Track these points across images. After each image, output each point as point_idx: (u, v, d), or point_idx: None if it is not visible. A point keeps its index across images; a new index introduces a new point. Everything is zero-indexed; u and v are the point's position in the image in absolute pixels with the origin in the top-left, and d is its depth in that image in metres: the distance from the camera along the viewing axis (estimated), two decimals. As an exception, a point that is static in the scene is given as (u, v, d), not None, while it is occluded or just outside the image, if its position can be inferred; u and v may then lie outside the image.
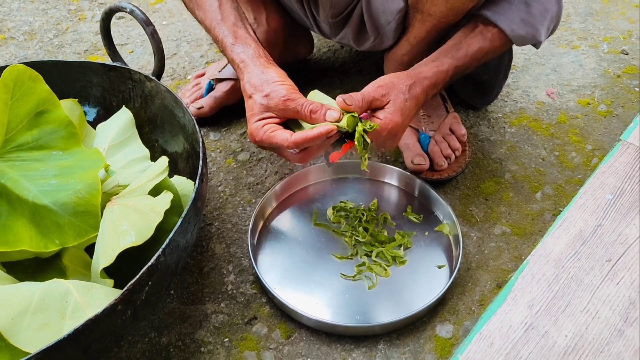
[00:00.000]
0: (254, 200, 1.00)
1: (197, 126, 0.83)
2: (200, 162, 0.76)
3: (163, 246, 0.66)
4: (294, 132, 0.78)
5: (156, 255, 0.66)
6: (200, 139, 0.80)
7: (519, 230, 0.95)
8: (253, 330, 0.82)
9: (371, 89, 0.81)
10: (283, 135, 0.76)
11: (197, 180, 0.74)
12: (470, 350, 0.58)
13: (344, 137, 0.79)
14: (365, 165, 0.81)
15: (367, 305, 0.83)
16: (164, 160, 0.82)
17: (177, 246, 0.70)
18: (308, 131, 0.76)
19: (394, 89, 0.81)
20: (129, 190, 0.81)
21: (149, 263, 0.65)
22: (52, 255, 0.81)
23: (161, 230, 0.72)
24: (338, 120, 0.77)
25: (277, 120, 0.80)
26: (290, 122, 0.81)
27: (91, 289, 0.69)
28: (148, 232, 0.73)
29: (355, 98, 0.78)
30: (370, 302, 0.84)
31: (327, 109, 0.79)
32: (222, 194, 1.02)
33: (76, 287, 0.74)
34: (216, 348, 0.80)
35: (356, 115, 0.77)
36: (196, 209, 0.74)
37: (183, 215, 0.70)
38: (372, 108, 0.81)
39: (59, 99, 0.87)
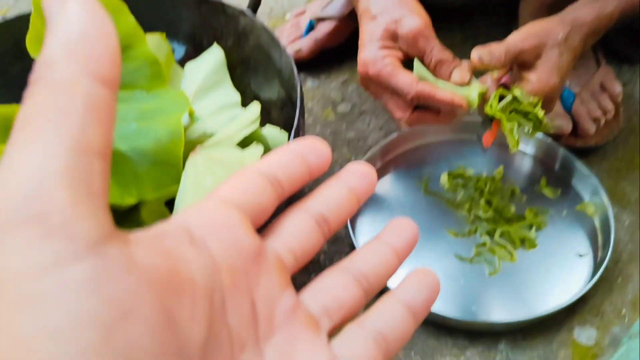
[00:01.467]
0: (354, 158, 0.87)
1: (295, 70, 0.71)
2: (297, 113, 0.63)
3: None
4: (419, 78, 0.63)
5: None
6: (298, 86, 0.68)
7: (685, 217, 0.75)
8: (347, 311, 0.70)
9: (519, 38, 0.63)
10: (408, 78, 0.62)
11: (292, 133, 0.62)
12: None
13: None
14: (515, 144, 0.65)
15: (486, 295, 0.69)
16: (255, 108, 0.70)
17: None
18: (439, 90, 0.61)
19: (548, 39, 0.63)
20: (216, 140, 0.70)
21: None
22: (130, 207, 0.73)
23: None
24: (462, 84, 0.62)
25: (399, 54, 0.64)
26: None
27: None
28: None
29: (495, 53, 0.62)
30: (490, 291, 0.69)
31: (456, 66, 0.63)
32: (318, 150, 0.89)
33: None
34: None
35: (485, 91, 0.61)
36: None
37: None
38: (518, 64, 0.64)
39: (145, 33, 0.77)
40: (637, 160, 0.82)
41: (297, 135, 0.63)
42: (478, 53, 0.62)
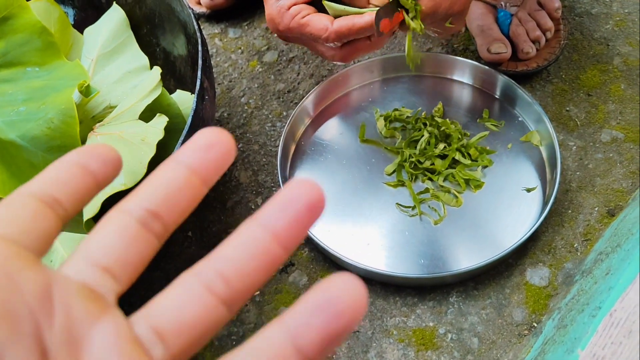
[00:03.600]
0: (285, 113, 0.80)
1: (195, 22, 0.62)
2: (199, 73, 0.56)
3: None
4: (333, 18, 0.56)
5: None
6: (200, 39, 0.60)
7: (634, 135, 0.71)
8: (290, 281, 0.66)
9: None
10: (320, 22, 0.54)
11: (195, 98, 0.54)
12: (595, 343, 0.38)
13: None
14: (412, 58, 0.58)
15: (433, 245, 0.64)
16: (156, 72, 0.62)
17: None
18: (356, 17, 0.54)
19: None
20: (116, 114, 0.63)
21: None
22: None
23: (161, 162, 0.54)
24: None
25: None
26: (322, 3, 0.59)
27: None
28: (140, 171, 0.55)
29: None
30: (438, 240, 0.65)
31: None
32: (245, 107, 0.82)
33: (62, 242, 0.59)
34: (244, 305, 0.64)
35: None
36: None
37: (177, 148, 0.52)
38: None
39: (26, -1, 0.68)
40: (583, 78, 0.77)
41: (201, 101, 0.56)
42: None
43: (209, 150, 0.20)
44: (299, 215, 0.18)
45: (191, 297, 0.18)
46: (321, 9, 0.57)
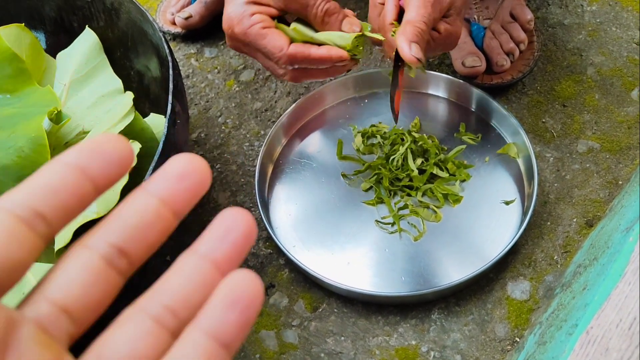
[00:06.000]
0: (262, 132, 0.79)
1: (166, 45, 0.62)
2: (170, 97, 0.55)
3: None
4: (293, 38, 0.55)
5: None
6: (171, 63, 0.59)
7: (610, 145, 0.72)
8: (270, 302, 0.65)
9: None
10: (277, 41, 0.54)
11: (166, 123, 0.54)
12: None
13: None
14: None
15: (413, 261, 0.64)
16: (128, 98, 0.61)
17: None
18: (312, 48, 0.54)
19: None
20: (89, 141, 0.62)
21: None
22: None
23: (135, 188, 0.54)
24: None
25: (272, 11, 0.57)
26: (287, 20, 0.59)
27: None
28: (113, 198, 0.55)
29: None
30: (418, 257, 0.64)
31: (345, 15, 0.56)
32: (223, 127, 0.81)
33: (34, 272, 0.58)
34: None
35: (360, 34, 0.55)
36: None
37: (148, 175, 0.51)
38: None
39: (-3, 26, 0.67)
40: (557, 89, 0.78)
41: (173, 124, 0.55)
42: None
43: (181, 179, 0.19)
44: (237, 244, 0.19)
45: (142, 332, 0.17)
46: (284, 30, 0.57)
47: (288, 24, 0.58)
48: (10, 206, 0.17)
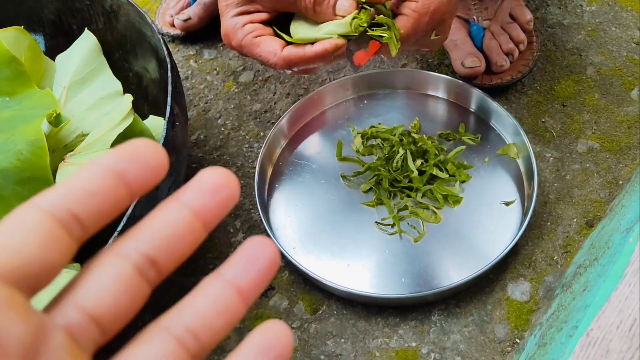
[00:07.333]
0: (262, 134, 0.79)
1: (165, 47, 0.62)
2: (169, 99, 0.55)
3: (119, 228, 0.48)
4: (286, 40, 0.55)
5: (112, 237, 0.47)
6: (170, 65, 0.59)
7: (610, 145, 0.71)
8: (270, 305, 0.65)
9: None
10: (270, 47, 0.54)
11: (165, 125, 0.54)
12: (574, 362, 0.38)
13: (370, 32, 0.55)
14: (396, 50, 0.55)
15: (413, 262, 0.64)
16: (127, 101, 0.61)
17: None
18: (306, 47, 0.53)
19: None
20: (87, 143, 0.62)
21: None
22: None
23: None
24: (351, 12, 0.53)
25: (263, 16, 0.56)
26: (283, 20, 0.58)
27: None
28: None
29: None
30: (418, 258, 0.64)
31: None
32: (222, 129, 0.81)
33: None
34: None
35: (368, 8, 0.53)
36: (170, 167, 0.54)
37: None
38: None
39: (-4, 28, 0.67)
40: (557, 89, 0.77)
41: (172, 126, 0.55)
42: None
43: (214, 193, 0.19)
44: (261, 273, 0.19)
45: (166, 352, 0.18)
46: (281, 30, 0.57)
47: (288, 25, 0.58)
48: (47, 206, 0.17)
